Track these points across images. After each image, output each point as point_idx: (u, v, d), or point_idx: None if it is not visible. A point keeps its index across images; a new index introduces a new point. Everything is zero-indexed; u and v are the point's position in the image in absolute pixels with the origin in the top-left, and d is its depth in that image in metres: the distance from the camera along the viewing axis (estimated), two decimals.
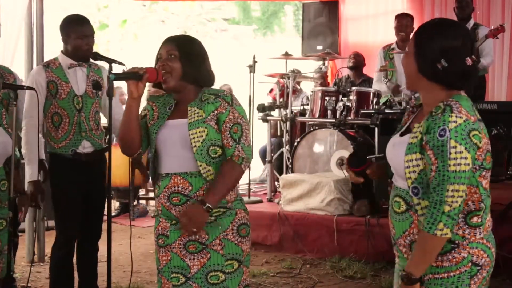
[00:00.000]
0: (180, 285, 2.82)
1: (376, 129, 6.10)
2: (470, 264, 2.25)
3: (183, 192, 2.76)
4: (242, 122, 2.79)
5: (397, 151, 2.33)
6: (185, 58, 2.80)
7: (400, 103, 6.21)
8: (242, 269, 2.83)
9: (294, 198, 6.11)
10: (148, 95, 8.32)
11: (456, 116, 2.17)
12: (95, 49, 4.20)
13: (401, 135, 2.39)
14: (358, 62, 7.96)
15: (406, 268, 2.25)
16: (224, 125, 2.77)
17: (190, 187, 2.76)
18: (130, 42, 16.40)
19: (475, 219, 2.26)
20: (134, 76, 2.72)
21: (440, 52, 2.25)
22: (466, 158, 2.15)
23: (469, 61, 2.25)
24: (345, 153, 6.28)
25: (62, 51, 4.15)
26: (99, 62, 4.19)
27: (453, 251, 2.25)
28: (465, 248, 2.25)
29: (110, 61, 3.85)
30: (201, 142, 2.75)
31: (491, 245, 2.31)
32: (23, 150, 3.99)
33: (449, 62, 2.24)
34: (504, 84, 8.16)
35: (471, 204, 2.26)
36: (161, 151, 2.82)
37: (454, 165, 2.15)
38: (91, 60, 4.15)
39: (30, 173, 3.95)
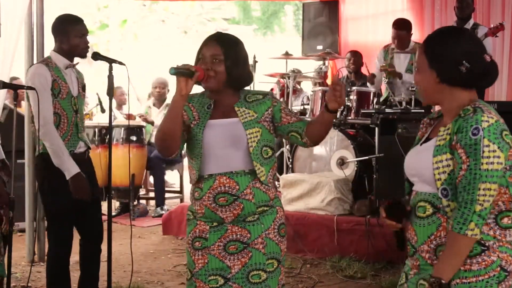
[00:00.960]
0: (219, 286, 2.79)
1: (376, 128, 6.09)
2: (499, 268, 2.20)
3: (230, 192, 2.75)
4: None
5: (422, 157, 2.31)
6: (230, 62, 2.79)
7: (400, 103, 6.21)
8: (280, 268, 2.84)
9: (294, 198, 6.11)
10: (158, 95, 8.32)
11: (488, 116, 2.17)
12: (95, 49, 4.20)
13: (422, 145, 2.38)
14: (356, 65, 7.94)
15: (434, 274, 2.20)
16: (283, 111, 2.87)
17: (237, 186, 2.75)
18: (130, 42, 16.40)
19: (505, 220, 2.23)
20: (189, 73, 2.67)
21: (460, 54, 2.26)
22: (499, 157, 2.14)
23: (487, 57, 2.27)
24: (345, 153, 6.28)
25: (55, 51, 4.08)
26: (93, 62, 4.17)
27: (483, 254, 2.20)
28: (495, 251, 2.20)
29: (110, 61, 3.85)
30: (256, 143, 2.77)
31: None
32: (49, 151, 3.91)
33: (471, 62, 2.25)
34: (504, 84, 8.15)
35: (501, 205, 2.23)
36: (207, 150, 2.78)
37: (487, 163, 2.13)
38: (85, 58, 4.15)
39: (65, 168, 3.89)
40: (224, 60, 2.77)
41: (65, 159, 3.89)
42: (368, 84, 7.01)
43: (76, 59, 4.13)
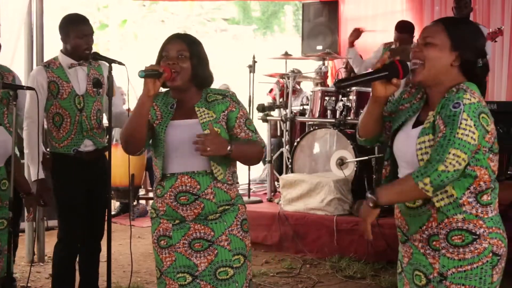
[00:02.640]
0: (187, 284, 2.82)
1: None
2: (491, 254, 2.27)
3: (191, 191, 2.78)
4: (251, 119, 2.91)
5: (411, 143, 2.34)
6: (195, 60, 2.81)
7: None
8: (247, 263, 2.87)
9: (294, 198, 6.11)
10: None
11: (470, 95, 2.23)
12: (95, 48, 4.20)
13: (413, 127, 2.39)
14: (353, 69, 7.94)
15: (376, 192, 2.27)
16: (238, 120, 2.83)
17: (198, 186, 2.78)
18: (130, 42, 16.40)
19: (485, 197, 2.30)
20: (155, 74, 2.70)
21: (483, 48, 2.35)
22: (474, 133, 2.20)
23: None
24: (345, 153, 6.29)
25: (61, 51, 4.14)
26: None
27: (474, 242, 2.27)
28: (486, 238, 2.27)
29: (109, 61, 3.85)
30: None
31: (505, 235, 2.34)
32: (25, 150, 3.99)
33: (486, 57, 2.35)
34: (504, 84, 8.16)
35: (482, 184, 2.30)
36: (169, 150, 2.82)
37: (462, 134, 2.18)
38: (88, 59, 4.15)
39: (34, 172, 3.96)
40: (189, 57, 2.80)
41: (35, 163, 3.95)
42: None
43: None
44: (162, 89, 2.89)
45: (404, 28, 6.89)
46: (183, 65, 2.78)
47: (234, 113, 2.84)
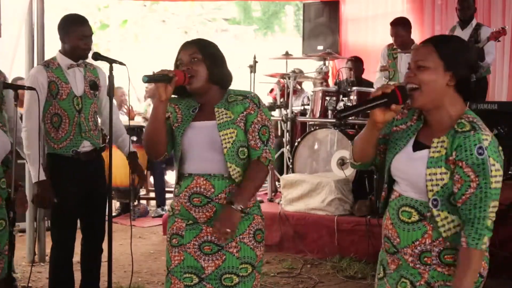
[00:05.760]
0: (194, 285, 2.81)
1: None
2: (478, 275, 2.29)
3: (205, 194, 2.77)
4: (269, 125, 2.84)
5: (415, 165, 2.34)
6: (209, 60, 2.80)
7: None
8: (255, 274, 2.83)
9: (294, 198, 6.11)
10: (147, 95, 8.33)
11: (485, 134, 2.25)
12: (96, 49, 4.19)
13: (414, 149, 2.39)
14: (358, 73, 7.93)
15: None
16: (253, 126, 2.79)
17: (213, 189, 2.76)
18: (130, 42, 16.42)
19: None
20: (164, 78, 2.69)
21: (475, 63, 2.35)
22: (501, 175, 2.24)
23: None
24: (346, 153, 6.28)
25: (60, 51, 4.12)
26: (94, 62, 4.18)
27: None
28: None
29: (110, 61, 3.84)
30: (231, 144, 2.76)
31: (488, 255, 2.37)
32: (25, 151, 3.96)
33: (479, 71, 2.34)
34: (505, 84, 8.16)
35: None
36: (186, 152, 2.81)
37: (495, 182, 2.22)
38: (86, 60, 4.14)
39: (35, 174, 3.94)
40: (202, 59, 2.79)
41: (36, 165, 3.93)
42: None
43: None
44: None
45: (397, 20, 6.91)
46: (197, 68, 2.77)
47: (251, 116, 2.80)
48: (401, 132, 2.46)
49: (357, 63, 7.98)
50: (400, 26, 6.82)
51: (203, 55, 2.79)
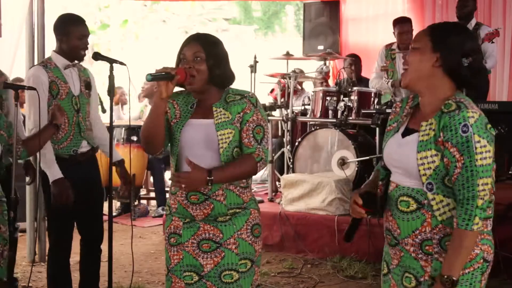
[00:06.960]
0: (194, 283, 2.83)
1: (377, 129, 6.10)
2: (482, 260, 2.29)
3: (202, 191, 2.78)
4: (265, 125, 2.84)
5: (406, 150, 2.34)
6: (212, 60, 2.80)
7: None
8: (254, 269, 2.85)
9: (295, 198, 6.11)
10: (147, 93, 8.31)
11: (472, 112, 2.23)
12: (96, 49, 4.20)
13: (403, 136, 2.40)
14: (357, 70, 7.91)
15: (444, 272, 2.24)
16: (247, 124, 2.80)
17: (210, 186, 2.76)
18: (131, 42, 16.41)
19: (488, 211, 2.29)
20: (166, 76, 2.70)
21: (468, 48, 2.31)
22: (489, 151, 2.21)
23: (484, 60, 2.33)
24: (346, 153, 6.29)
25: (55, 51, 4.08)
26: (89, 62, 4.17)
27: None
28: (478, 245, 2.28)
29: (111, 61, 3.83)
30: (228, 144, 2.77)
31: (493, 241, 2.36)
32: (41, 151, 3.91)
33: (473, 58, 2.31)
34: (505, 84, 8.16)
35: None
36: (183, 149, 2.82)
37: (480, 159, 2.20)
38: (83, 61, 4.14)
39: (51, 173, 3.90)
40: (206, 58, 2.79)
41: (51, 163, 3.91)
42: (393, 92, 6.89)
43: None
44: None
45: (403, 18, 6.90)
46: (199, 68, 2.78)
47: (247, 115, 2.80)
48: (393, 129, 2.48)
49: (356, 62, 7.99)
50: (409, 22, 6.84)
51: (206, 55, 2.79)
